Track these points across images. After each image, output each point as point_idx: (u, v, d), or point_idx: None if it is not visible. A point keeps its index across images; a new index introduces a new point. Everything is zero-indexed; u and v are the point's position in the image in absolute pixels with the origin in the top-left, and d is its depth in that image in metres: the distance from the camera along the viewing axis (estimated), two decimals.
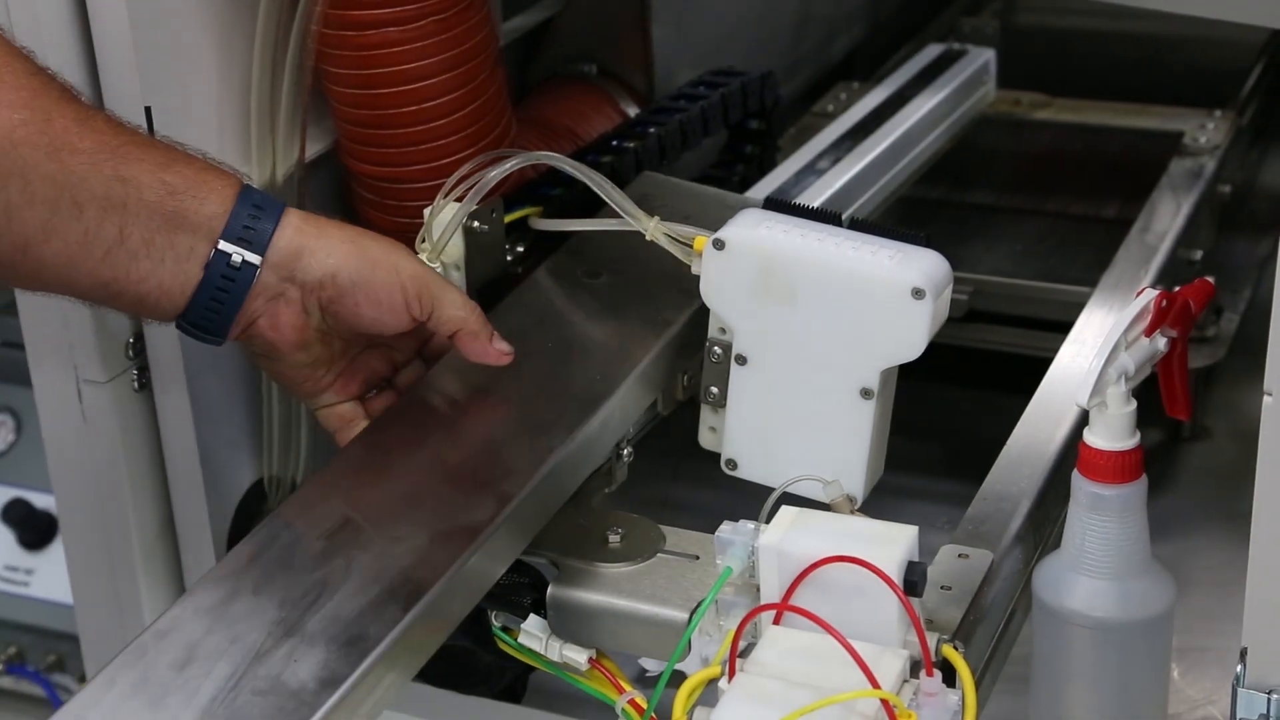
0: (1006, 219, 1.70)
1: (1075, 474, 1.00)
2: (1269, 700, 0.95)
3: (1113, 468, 0.99)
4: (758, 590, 0.99)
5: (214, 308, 1.04)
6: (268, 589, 0.96)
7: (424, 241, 1.20)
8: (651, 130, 1.45)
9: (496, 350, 1.11)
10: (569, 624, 1.07)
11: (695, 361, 1.20)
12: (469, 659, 1.18)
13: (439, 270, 1.21)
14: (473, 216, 1.21)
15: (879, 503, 1.15)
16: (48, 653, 1.60)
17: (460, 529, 1.01)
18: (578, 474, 1.12)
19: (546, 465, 1.07)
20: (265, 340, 1.08)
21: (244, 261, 1.03)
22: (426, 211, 1.20)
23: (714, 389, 1.19)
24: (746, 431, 1.18)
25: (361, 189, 1.36)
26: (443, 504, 1.03)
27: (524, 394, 1.14)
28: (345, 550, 0.99)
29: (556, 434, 1.09)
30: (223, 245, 1.02)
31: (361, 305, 1.07)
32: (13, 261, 0.97)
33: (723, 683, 0.95)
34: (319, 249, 1.06)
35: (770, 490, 1.06)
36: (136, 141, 1.01)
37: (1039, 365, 1.28)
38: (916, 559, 0.97)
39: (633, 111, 1.60)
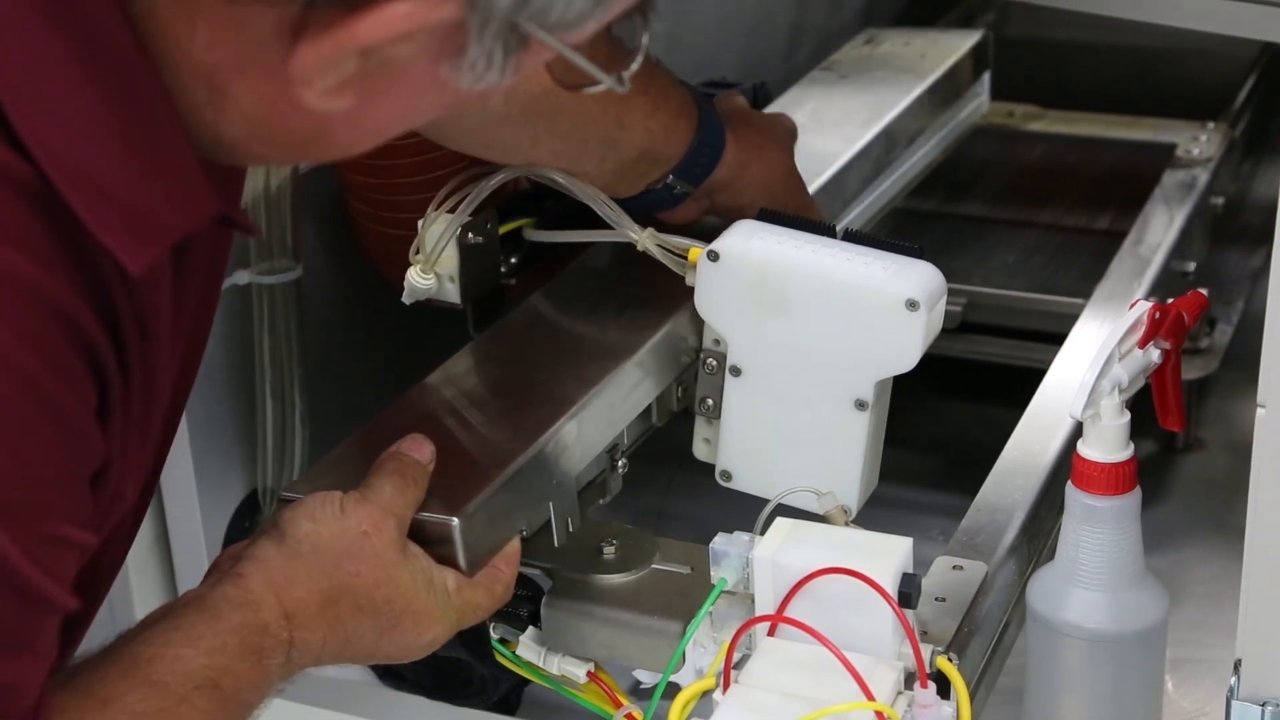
0: (1000, 231, 1.70)
1: (1069, 486, 1.00)
2: (1263, 712, 0.95)
3: (1106, 479, 0.99)
4: (752, 602, 0.99)
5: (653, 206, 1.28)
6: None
7: (418, 253, 1.20)
8: None
9: None
10: (563, 635, 1.07)
11: (690, 373, 1.20)
12: (464, 670, 1.17)
13: (433, 282, 1.21)
14: (466, 228, 1.21)
15: (873, 514, 1.15)
16: None
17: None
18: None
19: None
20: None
21: (683, 191, 1.27)
22: (420, 223, 1.20)
23: (708, 400, 1.19)
24: (741, 443, 1.18)
25: (356, 200, 1.36)
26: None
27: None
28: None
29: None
30: (670, 180, 1.26)
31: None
32: (513, 158, 1.22)
33: (717, 694, 0.95)
34: (741, 186, 1.28)
35: (765, 501, 1.06)
36: (640, 90, 1.21)
37: (1033, 377, 1.28)
38: (911, 571, 0.97)
39: None
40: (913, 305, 1.08)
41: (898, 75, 1.68)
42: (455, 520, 1.00)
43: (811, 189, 1.36)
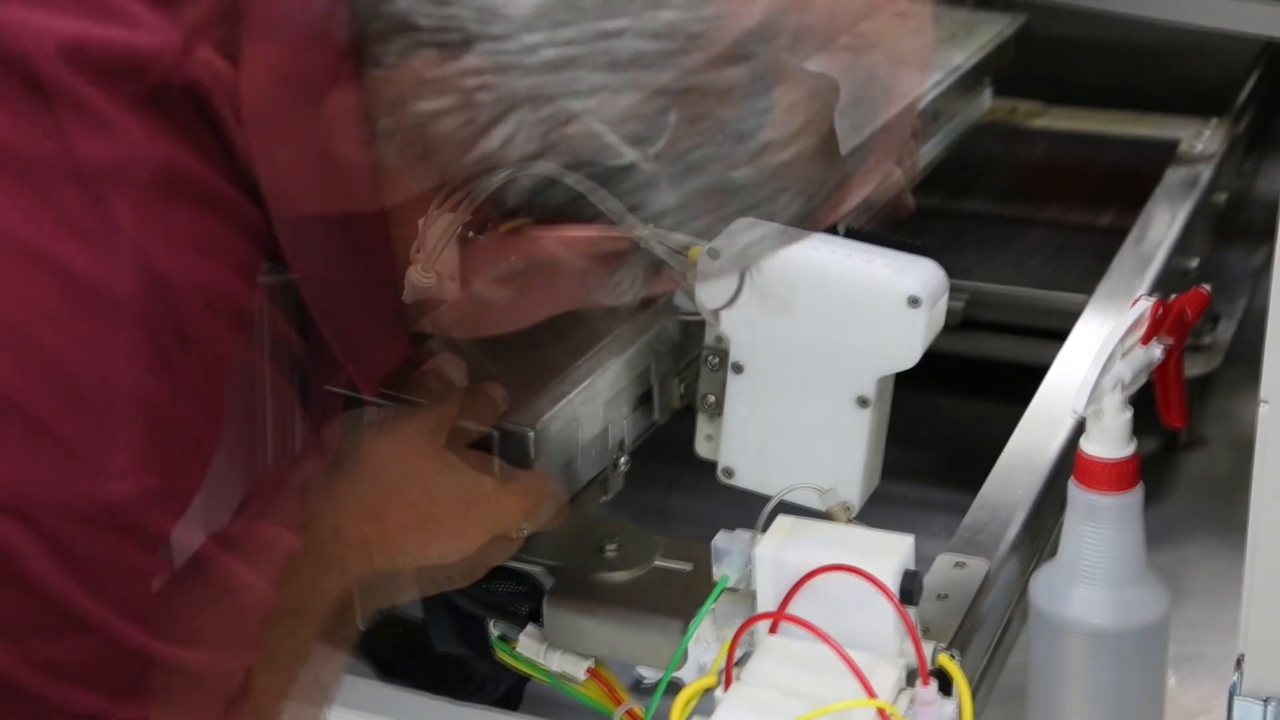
0: (1002, 227, 1.70)
1: (1071, 483, 1.00)
2: (1265, 709, 0.95)
3: (1109, 476, 0.99)
4: (754, 599, 0.99)
5: None
6: None
7: (419, 252, 1.20)
8: None
9: None
10: (565, 633, 1.07)
11: (692, 370, 1.20)
12: (465, 667, 1.17)
13: (433, 281, 1.21)
14: (467, 227, 1.21)
15: (875, 511, 1.15)
16: None
17: None
18: None
19: None
20: None
21: None
22: (420, 222, 1.20)
23: (710, 397, 1.18)
24: (743, 440, 1.18)
25: None
26: None
27: None
28: None
29: None
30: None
31: None
32: None
33: (719, 692, 0.95)
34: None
35: (767, 499, 1.06)
36: None
37: (1035, 374, 1.28)
38: (913, 568, 0.97)
39: None
40: (915, 302, 1.08)
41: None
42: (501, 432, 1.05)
43: None
